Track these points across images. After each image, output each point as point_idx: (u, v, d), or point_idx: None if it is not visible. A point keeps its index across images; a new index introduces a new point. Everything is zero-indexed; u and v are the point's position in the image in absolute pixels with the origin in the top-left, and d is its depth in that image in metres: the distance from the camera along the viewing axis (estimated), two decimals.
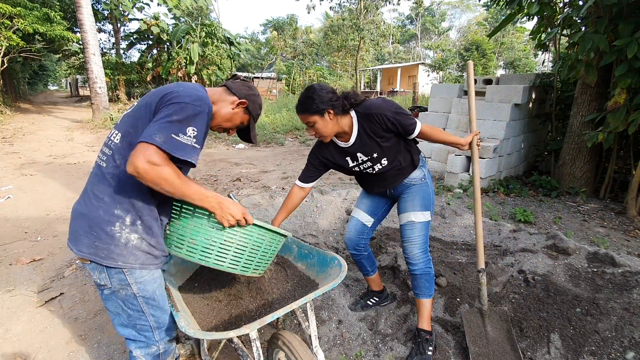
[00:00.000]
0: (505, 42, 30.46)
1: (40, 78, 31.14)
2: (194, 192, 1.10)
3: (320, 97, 1.57)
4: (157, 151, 1.01)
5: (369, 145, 1.69)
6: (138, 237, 1.18)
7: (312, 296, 1.30)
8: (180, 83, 1.20)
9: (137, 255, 1.17)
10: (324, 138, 1.67)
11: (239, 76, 1.41)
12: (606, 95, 4.06)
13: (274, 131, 9.78)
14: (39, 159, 6.49)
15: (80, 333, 2.07)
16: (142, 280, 1.20)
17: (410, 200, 1.80)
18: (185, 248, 1.25)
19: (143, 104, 1.17)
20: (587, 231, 3.39)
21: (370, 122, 1.66)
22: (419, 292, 1.82)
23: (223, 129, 1.38)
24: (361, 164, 1.76)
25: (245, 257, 1.30)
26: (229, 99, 1.33)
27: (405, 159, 1.77)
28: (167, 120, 1.05)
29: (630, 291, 1.95)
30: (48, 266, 2.81)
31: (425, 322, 1.82)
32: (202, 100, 1.12)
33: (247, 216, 1.22)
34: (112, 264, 1.14)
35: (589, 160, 4.28)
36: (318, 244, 2.92)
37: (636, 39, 3.19)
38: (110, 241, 1.14)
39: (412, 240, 1.78)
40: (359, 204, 2.01)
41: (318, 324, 2.01)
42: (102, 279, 1.17)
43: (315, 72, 21.29)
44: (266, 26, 35.42)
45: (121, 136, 1.17)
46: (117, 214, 1.14)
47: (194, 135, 1.09)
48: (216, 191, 4.62)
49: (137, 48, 20.72)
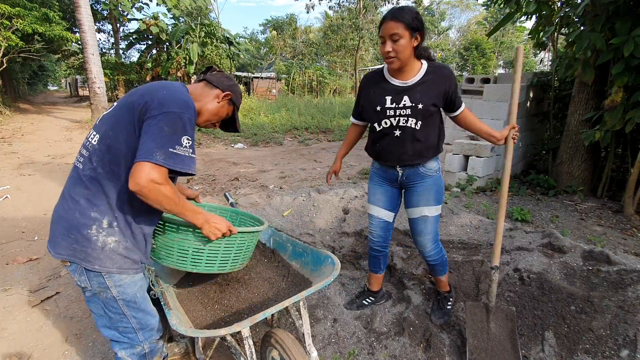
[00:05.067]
0: (505, 42, 30.47)
1: (39, 78, 31.12)
2: (188, 209, 1.18)
3: (419, 19, 1.54)
4: (159, 169, 1.02)
5: (421, 93, 1.63)
6: (115, 240, 1.16)
7: (304, 294, 1.30)
8: (161, 83, 1.17)
9: (114, 259, 1.16)
10: (394, 61, 1.57)
11: (215, 68, 1.41)
12: (603, 93, 4.06)
13: (272, 131, 9.78)
14: (37, 159, 6.49)
15: (75, 332, 2.07)
16: (122, 283, 1.19)
17: (425, 194, 1.78)
18: (174, 259, 1.38)
19: (124, 105, 1.15)
20: (584, 230, 3.39)
21: (436, 76, 1.65)
22: (436, 273, 2.03)
23: (211, 123, 1.38)
24: (401, 109, 1.65)
25: (231, 258, 1.45)
26: (213, 93, 1.32)
27: (432, 137, 1.73)
28: (162, 135, 1.04)
29: (625, 289, 1.95)
30: (44, 265, 2.81)
31: (444, 286, 2.09)
32: (187, 105, 1.12)
33: (232, 228, 1.31)
34: (90, 267, 1.13)
35: (586, 158, 4.28)
36: (315, 243, 2.93)
37: (633, 37, 3.18)
38: (87, 244, 1.13)
39: (425, 233, 1.83)
40: (375, 202, 1.93)
41: (313, 322, 2.01)
42: (82, 281, 1.17)
43: (314, 72, 21.28)
44: (265, 26, 35.39)
45: (99, 138, 1.15)
46: (94, 216, 1.13)
47: (189, 145, 1.10)
48: (214, 190, 4.63)
49: (136, 48, 20.72)
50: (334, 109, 12.58)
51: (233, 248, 1.42)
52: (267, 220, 3.30)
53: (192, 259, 1.35)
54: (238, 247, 1.44)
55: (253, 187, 4.72)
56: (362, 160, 6.42)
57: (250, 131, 9.45)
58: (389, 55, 1.56)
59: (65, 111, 16.03)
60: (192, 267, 1.37)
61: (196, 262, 1.36)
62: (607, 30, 3.61)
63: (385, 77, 1.72)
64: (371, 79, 1.79)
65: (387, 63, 1.63)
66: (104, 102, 11.06)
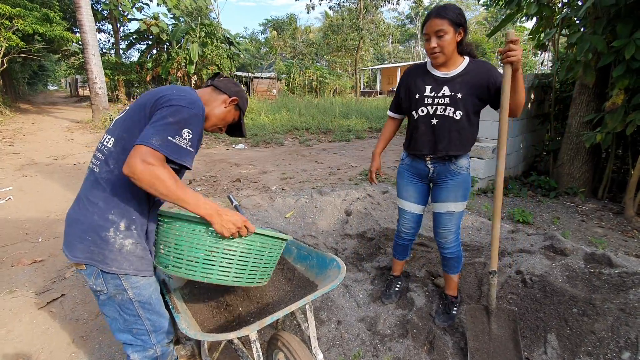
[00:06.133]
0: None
1: (39, 78, 31.16)
2: (190, 196, 1.07)
3: (462, 14, 1.62)
4: (153, 152, 1.02)
5: (461, 84, 1.68)
6: (132, 242, 1.18)
7: (310, 298, 1.32)
8: (173, 86, 1.21)
9: (132, 261, 1.18)
10: (439, 56, 1.63)
11: (222, 74, 1.43)
12: (604, 96, 4.07)
13: (273, 131, 9.79)
14: (39, 159, 6.50)
15: (81, 334, 2.09)
16: (138, 285, 1.21)
17: (454, 190, 1.83)
18: (184, 267, 1.18)
19: (136, 108, 1.18)
20: (585, 231, 3.41)
21: (478, 70, 1.68)
22: (449, 270, 2.03)
23: (218, 128, 1.41)
24: (440, 97, 1.70)
25: (249, 268, 1.25)
26: (220, 98, 1.35)
27: (469, 132, 1.76)
28: (163, 123, 1.06)
29: (626, 292, 1.97)
30: (49, 267, 2.82)
31: (452, 290, 2.09)
32: (196, 103, 1.14)
33: (248, 224, 1.17)
34: (107, 268, 1.15)
35: (587, 160, 4.30)
36: (318, 244, 2.94)
37: (634, 39, 3.20)
38: (104, 246, 1.14)
39: (449, 227, 1.89)
40: (407, 197, 1.98)
41: (318, 324, 2.03)
42: (98, 285, 1.18)
43: (314, 72, 21.29)
44: (266, 26, 35.44)
45: (114, 141, 1.17)
46: (112, 219, 1.15)
47: (189, 138, 1.10)
48: (216, 192, 4.64)
49: (136, 48, 20.75)
50: (334, 110, 12.60)
51: (251, 254, 1.23)
52: (270, 222, 3.32)
53: (203, 265, 1.16)
54: (258, 253, 1.25)
55: (255, 188, 4.74)
56: (363, 162, 6.44)
57: (251, 132, 9.47)
58: (434, 50, 1.63)
59: (66, 111, 16.04)
60: (202, 276, 1.17)
61: (207, 269, 1.17)
62: (609, 32, 3.63)
63: (428, 69, 1.78)
64: (413, 71, 1.85)
65: (431, 58, 1.68)
66: (104, 102, 11.07)
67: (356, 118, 11.82)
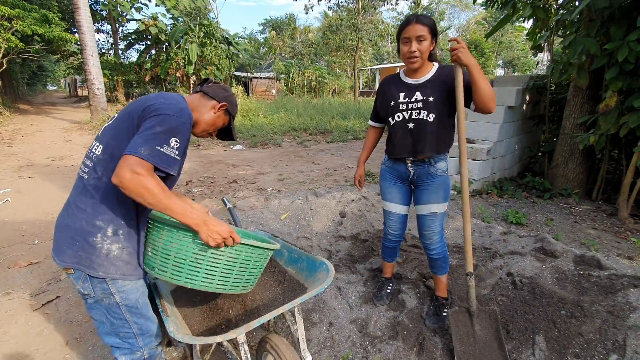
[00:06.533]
0: (504, 42, 30.50)
1: (39, 79, 31.18)
2: (178, 205, 1.10)
3: (436, 26, 1.74)
4: (142, 162, 1.05)
5: (431, 89, 1.77)
6: (119, 246, 1.21)
7: (298, 301, 1.34)
8: (161, 94, 1.23)
9: (118, 265, 1.21)
10: (416, 61, 1.72)
11: (211, 79, 1.47)
12: (598, 97, 4.10)
13: (271, 132, 9.81)
14: (37, 161, 6.52)
15: (76, 336, 2.11)
16: (125, 289, 1.23)
17: (435, 192, 1.90)
18: (169, 271, 1.22)
19: (125, 116, 1.21)
20: (578, 233, 3.43)
21: (446, 74, 1.77)
22: (437, 271, 2.07)
23: (208, 133, 1.44)
24: (413, 102, 1.79)
25: (233, 276, 1.29)
26: (209, 104, 1.38)
27: (445, 132, 1.83)
28: (151, 132, 1.08)
29: (615, 294, 1.99)
30: (45, 269, 2.85)
31: (442, 291, 2.13)
32: (183, 111, 1.17)
33: (234, 235, 1.20)
34: (94, 273, 1.17)
35: (581, 162, 4.32)
36: (312, 246, 2.96)
37: (627, 42, 3.22)
38: (92, 251, 1.17)
39: (432, 229, 1.94)
40: (391, 199, 2.05)
41: (309, 326, 2.05)
42: (85, 288, 1.20)
43: (313, 72, 21.31)
44: (265, 26, 35.42)
45: (103, 148, 1.20)
46: (99, 224, 1.17)
47: (176, 146, 1.13)
48: (212, 193, 4.66)
49: (135, 48, 20.76)
50: (332, 110, 12.62)
51: (236, 263, 1.27)
52: (265, 223, 3.34)
53: (188, 271, 1.20)
54: (243, 263, 1.29)
55: (251, 189, 4.76)
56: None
57: (249, 132, 9.49)
58: (413, 55, 1.70)
59: (65, 112, 16.06)
60: (187, 281, 1.21)
61: (192, 275, 1.21)
62: (602, 35, 3.65)
63: (401, 77, 1.89)
64: (387, 81, 1.96)
65: (409, 62, 1.75)
66: (103, 103, 11.09)
67: (354, 118, 11.84)
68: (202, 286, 1.23)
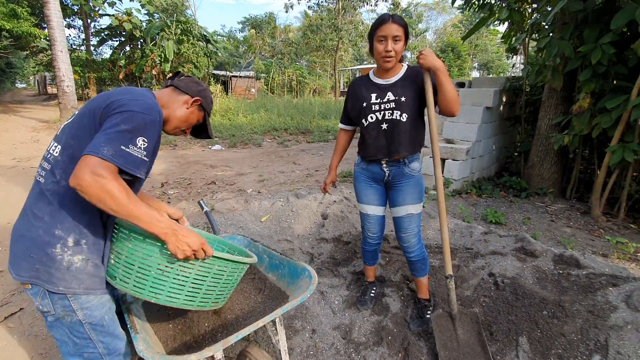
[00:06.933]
0: (480, 44, 31.31)
1: (7, 76, 29.65)
2: (144, 213, 0.99)
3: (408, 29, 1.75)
4: (104, 163, 0.94)
5: (402, 88, 1.77)
6: (82, 258, 1.09)
7: (279, 312, 1.27)
8: (126, 88, 1.13)
9: (81, 279, 1.09)
10: (391, 60, 1.71)
11: (183, 73, 1.36)
12: (572, 99, 4.21)
13: (251, 132, 9.65)
14: (1, 162, 6.15)
15: (40, 351, 1.96)
16: (89, 305, 1.11)
17: (410, 193, 1.88)
18: (132, 283, 1.10)
19: (85, 112, 1.09)
20: (554, 231, 3.50)
21: (415, 74, 1.79)
22: (417, 273, 2.05)
23: (181, 131, 1.34)
24: (386, 102, 1.78)
25: (202, 292, 1.17)
26: (181, 99, 1.28)
27: (417, 131, 1.84)
28: (116, 130, 0.98)
29: (594, 293, 2.02)
30: (8, 279, 2.65)
31: (424, 293, 2.11)
32: (152, 108, 1.06)
33: (206, 247, 1.09)
34: (54, 288, 1.05)
35: (556, 161, 4.44)
36: (293, 249, 2.89)
37: (600, 45, 3.31)
38: (51, 264, 1.05)
39: (410, 230, 1.91)
40: (367, 201, 2.00)
41: (291, 334, 1.98)
42: (44, 305, 1.08)
43: (294, 72, 21.19)
44: (244, 24, 34.95)
45: (61, 149, 1.08)
46: (58, 234, 1.06)
47: (144, 146, 1.02)
48: (189, 195, 4.51)
49: (108, 45, 20.00)
50: (313, 110, 12.57)
51: (207, 278, 1.15)
52: (245, 226, 3.24)
53: (152, 284, 1.08)
54: (215, 277, 1.17)
55: (230, 191, 4.63)
56: (341, 164, 6.42)
57: (228, 132, 9.29)
58: (389, 54, 1.68)
59: (33, 110, 15.28)
60: (150, 296, 1.09)
61: (157, 288, 1.09)
62: (576, 38, 3.74)
63: (371, 78, 1.88)
64: (357, 82, 1.93)
65: (383, 61, 1.72)
66: (73, 101, 10.62)
67: (335, 118, 11.82)
68: (167, 301, 1.11)
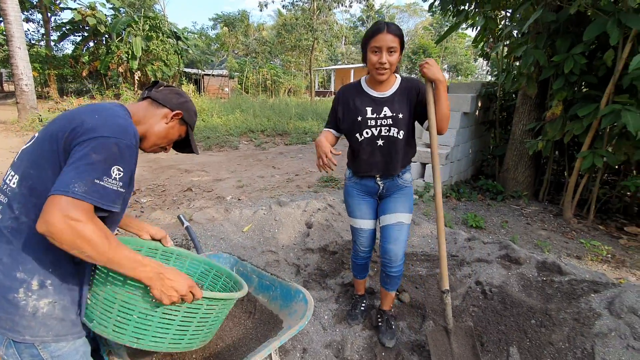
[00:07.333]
0: (449, 47, 32.28)
1: None
2: (125, 257, 0.90)
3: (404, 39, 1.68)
4: (78, 203, 0.83)
5: (400, 104, 1.71)
6: (49, 301, 0.96)
7: (276, 345, 1.19)
8: (93, 106, 1.00)
9: (50, 325, 0.96)
10: (385, 72, 1.63)
11: (162, 82, 1.23)
12: (544, 106, 4.37)
13: (227, 133, 9.40)
14: None
15: None
16: (60, 353, 0.98)
17: (402, 202, 1.85)
18: (111, 327, 1.00)
19: (46, 137, 0.96)
20: (531, 234, 3.61)
21: (411, 87, 1.73)
22: (390, 287, 1.97)
23: (160, 147, 1.22)
24: (382, 118, 1.71)
25: (189, 334, 1.08)
26: (159, 113, 1.16)
27: (412, 147, 1.83)
28: (87, 163, 0.86)
29: (577, 300, 2.07)
30: None
31: (389, 305, 2.09)
32: (125, 130, 0.95)
33: (195, 290, 1.01)
34: (19, 337, 0.92)
35: (530, 165, 4.59)
36: (278, 261, 2.80)
37: (572, 55, 3.43)
38: (13, 311, 0.92)
39: (399, 241, 1.82)
40: (361, 216, 1.93)
41: (281, 354, 1.90)
42: (9, 355, 0.94)
43: (269, 71, 20.93)
44: (216, 21, 34.19)
45: (19, 179, 0.95)
46: (20, 277, 0.93)
47: (119, 177, 0.91)
48: (164, 204, 4.30)
49: (70, 40, 18.99)
50: (290, 111, 12.43)
51: (195, 319, 1.06)
52: (226, 237, 3.11)
53: (134, 329, 0.99)
54: (203, 317, 1.08)
55: (209, 198, 4.46)
56: None
57: (202, 134, 9.00)
58: (383, 67, 1.60)
59: None
60: (132, 341, 1.00)
61: (139, 333, 1.00)
62: (548, 47, 3.88)
63: (364, 88, 1.77)
64: (348, 91, 1.82)
65: (377, 73, 1.64)
66: (32, 100, 9.96)
67: (312, 119, 11.75)
68: (150, 347, 1.02)
